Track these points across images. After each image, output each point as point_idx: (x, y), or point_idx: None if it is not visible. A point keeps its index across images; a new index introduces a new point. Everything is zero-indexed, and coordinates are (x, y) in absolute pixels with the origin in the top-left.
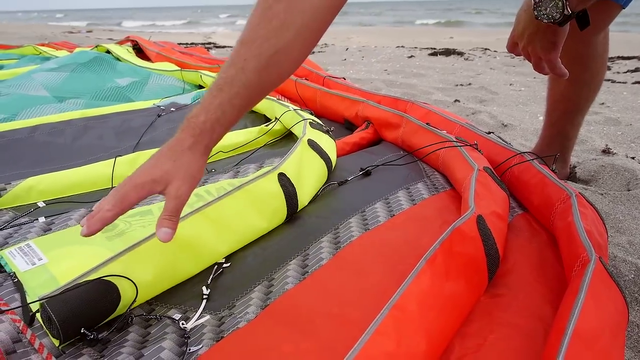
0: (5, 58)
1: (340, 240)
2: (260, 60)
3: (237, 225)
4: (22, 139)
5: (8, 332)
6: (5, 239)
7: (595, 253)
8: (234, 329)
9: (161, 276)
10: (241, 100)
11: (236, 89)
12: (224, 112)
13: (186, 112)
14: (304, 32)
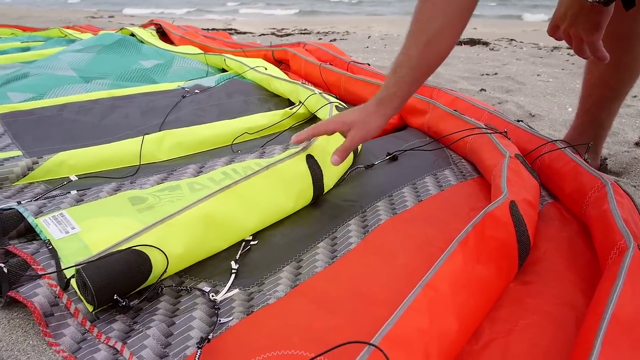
0: (31, 40)
1: (369, 224)
2: (418, 47)
3: (264, 203)
4: (51, 116)
5: (46, 296)
6: (39, 208)
7: (633, 240)
8: (263, 305)
9: (191, 249)
10: (410, 79)
11: (405, 70)
12: (398, 88)
13: (211, 94)
14: (448, 22)
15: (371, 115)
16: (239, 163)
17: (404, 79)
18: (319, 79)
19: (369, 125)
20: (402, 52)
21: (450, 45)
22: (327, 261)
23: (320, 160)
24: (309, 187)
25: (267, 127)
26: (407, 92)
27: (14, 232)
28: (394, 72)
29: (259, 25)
